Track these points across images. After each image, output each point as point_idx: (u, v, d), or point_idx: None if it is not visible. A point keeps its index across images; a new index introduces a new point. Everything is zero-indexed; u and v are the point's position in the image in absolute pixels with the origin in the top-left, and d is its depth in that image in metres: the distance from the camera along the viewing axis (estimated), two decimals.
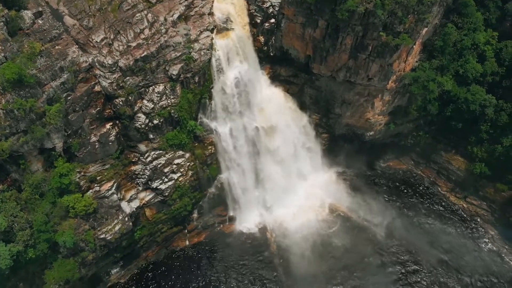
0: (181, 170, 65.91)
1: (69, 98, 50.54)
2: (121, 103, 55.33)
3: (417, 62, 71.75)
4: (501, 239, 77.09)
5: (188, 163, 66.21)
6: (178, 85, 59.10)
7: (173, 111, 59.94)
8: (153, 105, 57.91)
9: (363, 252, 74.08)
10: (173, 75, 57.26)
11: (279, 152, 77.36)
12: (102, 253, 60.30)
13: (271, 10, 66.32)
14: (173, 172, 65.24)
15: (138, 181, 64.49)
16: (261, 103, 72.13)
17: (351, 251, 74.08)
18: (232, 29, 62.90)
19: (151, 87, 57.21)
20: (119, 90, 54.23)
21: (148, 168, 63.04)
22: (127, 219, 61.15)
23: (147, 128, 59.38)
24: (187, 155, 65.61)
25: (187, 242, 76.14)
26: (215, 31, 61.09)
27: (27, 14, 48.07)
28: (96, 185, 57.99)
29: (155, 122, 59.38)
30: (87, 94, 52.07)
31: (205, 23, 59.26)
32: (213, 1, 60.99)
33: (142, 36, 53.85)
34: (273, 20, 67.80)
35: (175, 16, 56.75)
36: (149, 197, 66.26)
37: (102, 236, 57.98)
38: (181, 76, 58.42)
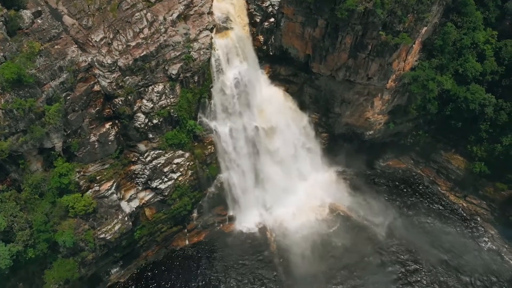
0: (181, 169, 65.87)
1: (68, 97, 50.47)
2: (120, 102, 55.28)
3: (416, 61, 71.74)
4: (500, 238, 77.14)
5: (187, 163, 66.16)
6: (177, 85, 59.04)
7: (172, 110, 59.87)
8: (152, 105, 57.84)
9: (363, 251, 74.03)
10: (172, 74, 57.18)
11: (279, 153, 77.29)
12: (101, 252, 60.34)
13: (270, 9, 66.31)
14: (172, 171, 65.19)
15: (137, 181, 64.45)
16: (261, 104, 72.02)
17: (351, 251, 74.01)
18: (231, 28, 62.80)
19: (151, 87, 57.13)
20: (118, 89, 54.18)
21: (147, 167, 63.00)
22: (126, 218, 61.14)
23: (146, 127, 59.31)
24: (187, 155, 65.56)
25: (187, 241, 76.09)
26: (215, 30, 61.02)
27: (26, 13, 48.01)
28: (95, 185, 57.99)
29: (155, 121, 59.31)
30: (86, 93, 52.03)
31: (205, 23, 59.20)
32: (213, 1, 60.98)
33: (141, 35, 53.75)
34: (272, 19, 67.78)
35: (175, 15, 56.65)
36: (149, 196, 66.24)
37: (101, 235, 58.00)
38: (181, 75, 58.34)
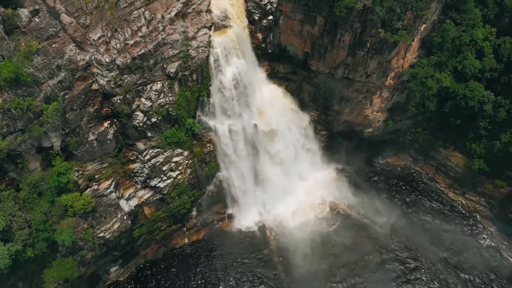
0: (180, 168, 65.77)
1: (66, 96, 50.22)
2: (118, 101, 55.09)
3: (415, 58, 71.70)
4: (500, 235, 77.37)
5: (186, 161, 66.06)
6: (176, 83, 58.85)
7: (171, 109, 59.67)
8: (151, 103, 57.65)
9: (363, 249, 74.08)
10: (171, 73, 56.99)
11: (279, 155, 77.34)
12: (101, 251, 60.28)
13: (269, 7, 66.16)
14: (171, 170, 65.06)
15: (136, 179, 64.33)
16: (261, 105, 71.88)
17: (351, 249, 74.05)
18: (230, 26, 62.55)
19: (149, 85, 56.92)
20: (116, 88, 53.94)
21: (146, 166, 62.88)
22: (125, 217, 61.09)
23: (145, 126, 59.12)
24: (186, 153, 65.46)
25: (186, 240, 76.07)
26: (213, 28, 60.73)
27: (24, 12, 47.64)
28: (94, 184, 57.84)
29: (153, 120, 59.12)
30: (84, 92, 51.82)
31: (203, 21, 58.92)
32: None
33: (139, 33, 53.45)
34: (271, 17, 67.63)
35: (173, 13, 56.34)
36: (148, 195, 66.13)
37: (101, 234, 57.94)
38: (179, 73, 58.13)
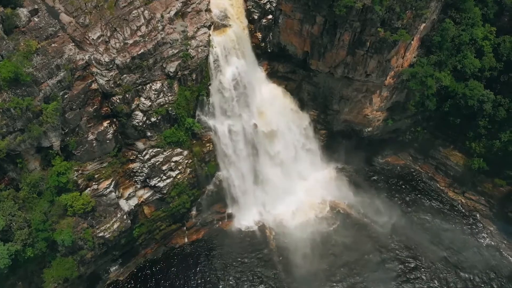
0: (179, 167, 65.73)
1: (66, 96, 50.14)
2: (118, 101, 55.02)
3: (415, 57, 71.62)
4: (499, 234, 77.35)
5: (186, 161, 66.01)
6: (175, 83, 58.78)
7: (170, 108, 59.60)
8: (150, 103, 57.59)
9: (363, 249, 74.02)
10: (170, 72, 56.93)
11: (279, 156, 77.30)
12: (100, 251, 60.25)
13: (268, 6, 66.08)
14: (171, 169, 65.02)
15: (136, 179, 64.33)
16: (261, 106, 71.77)
17: (351, 248, 73.98)
18: (229, 25, 62.44)
19: (148, 85, 56.86)
20: (116, 87, 53.86)
21: (146, 165, 62.85)
22: (125, 217, 61.06)
23: (144, 125, 59.07)
24: (185, 153, 65.41)
25: (186, 239, 76.05)
26: (212, 27, 60.66)
27: (23, 11, 47.55)
28: (94, 183, 57.80)
29: (153, 119, 59.05)
30: (84, 92, 51.75)
31: (202, 20, 58.84)
32: None
33: (138, 33, 53.37)
34: (270, 16, 67.55)
35: (172, 12, 56.24)
36: (148, 194, 66.10)
37: (100, 234, 57.91)
38: (179, 73, 58.06)
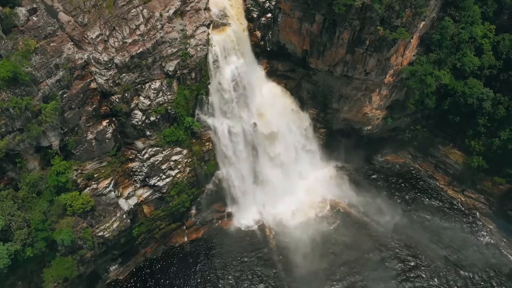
0: (179, 166, 65.68)
1: (65, 95, 50.05)
2: (117, 100, 54.90)
3: (414, 56, 71.55)
4: (499, 232, 77.38)
5: (185, 160, 65.96)
6: (174, 82, 58.71)
7: (169, 107, 59.52)
8: (149, 102, 57.51)
9: (363, 247, 73.99)
10: (169, 71, 56.84)
11: (279, 157, 77.29)
12: (100, 250, 60.22)
13: (267, 4, 66.04)
14: (170, 168, 64.98)
15: (135, 178, 64.28)
16: (261, 107, 71.73)
17: (351, 247, 73.97)
18: (228, 24, 62.29)
19: (148, 84, 56.77)
20: (115, 87, 53.77)
21: (145, 165, 62.79)
22: (125, 216, 61.02)
23: (143, 125, 58.98)
24: (185, 152, 65.35)
25: (186, 238, 76.04)
26: (212, 26, 60.53)
27: (21, 11, 47.36)
28: (93, 183, 57.73)
29: (152, 119, 58.97)
30: (83, 91, 51.65)
31: (201, 19, 58.75)
32: None
33: (137, 32, 53.26)
34: (269, 14, 67.49)
35: (171, 11, 56.12)
36: (147, 194, 66.05)
37: (100, 233, 57.87)
38: (178, 72, 57.97)
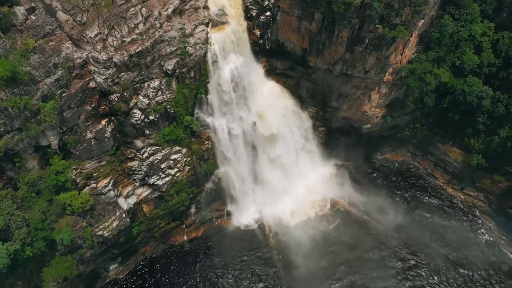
0: (178, 165, 65.66)
1: (63, 95, 49.98)
2: (116, 99, 54.84)
3: (413, 54, 71.53)
4: (498, 230, 77.48)
5: (185, 159, 65.94)
6: (173, 80, 58.65)
7: (169, 106, 59.51)
8: (148, 101, 57.47)
9: (363, 246, 74.05)
10: (168, 70, 56.77)
11: (280, 159, 77.32)
12: (100, 249, 60.27)
13: (266, 3, 65.92)
14: (170, 167, 64.98)
15: (135, 177, 64.27)
16: (261, 109, 71.70)
17: (351, 246, 74.03)
18: (227, 22, 62.21)
19: (147, 83, 56.68)
20: (114, 86, 53.69)
21: (144, 164, 62.77)
22: (124, 215, 61.04)
23: (143, 124, 58.97)
24: (184, 151, 65.32)
25: (185, 237, 76.06)
26: (210, 25, 60.46)
27: (20, 10, 47.24)
28: (92, 182, 57.67)
29: (151, 117, 58.94)
30: (82, 90, 51.57)
31: (200, 17, 58.65)
32: None
33: (136, 31, 53.14)
34: (268, 13, 67.39)
35: (170, 10, 56.00)
36: (146, 193, 66.09)
37: (99, 232, 57.91)
38: (177, 71, 57.92)
